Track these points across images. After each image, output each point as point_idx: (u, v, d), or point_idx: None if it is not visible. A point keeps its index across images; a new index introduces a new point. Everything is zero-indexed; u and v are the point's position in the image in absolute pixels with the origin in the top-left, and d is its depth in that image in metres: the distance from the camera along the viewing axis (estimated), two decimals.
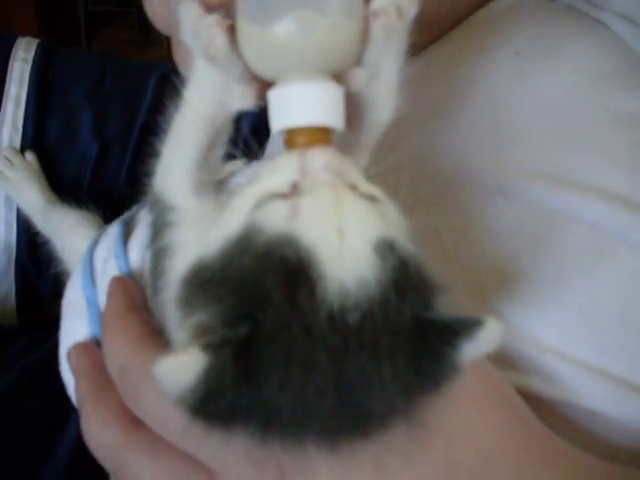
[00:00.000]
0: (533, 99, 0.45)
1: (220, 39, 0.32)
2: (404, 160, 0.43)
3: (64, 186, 0.67)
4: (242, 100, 0.34)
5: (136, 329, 0.37)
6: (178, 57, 0.40)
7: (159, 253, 0.37)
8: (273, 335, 0.27)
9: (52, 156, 0.69)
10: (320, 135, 0.32)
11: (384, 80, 0.35)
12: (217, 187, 0.38)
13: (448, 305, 0.30)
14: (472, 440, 0.33)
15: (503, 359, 0.38)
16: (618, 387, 0.37)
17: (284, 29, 0.31)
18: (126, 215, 0.48)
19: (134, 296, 0.40)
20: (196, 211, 0.36)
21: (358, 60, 0.34)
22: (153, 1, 0.36)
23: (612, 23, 0.45)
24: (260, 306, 0.27)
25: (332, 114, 0.32)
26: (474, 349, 0.29)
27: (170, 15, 0.35)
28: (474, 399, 0.34)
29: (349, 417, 0.29)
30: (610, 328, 0.38)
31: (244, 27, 0.32)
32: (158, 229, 0.37)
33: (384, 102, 0.35)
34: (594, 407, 0.38)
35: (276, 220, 0.29)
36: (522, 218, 0.41)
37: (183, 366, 0.26)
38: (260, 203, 0.30)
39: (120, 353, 0.37)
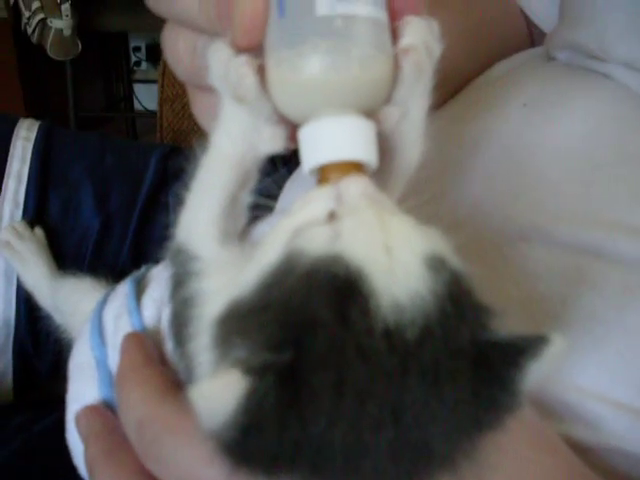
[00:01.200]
0: (544, 147, 0.45)
1: (249, 79, 0.32)
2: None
3: (66, 262, 0.66)
4: (271, 142, 0.34)
5: (155, 381, 0.35)
6: (198, 109, 0.40)
7: (184, 303, 0.35)
8: (322, 358, 0.25)
9: (54, 232, 0.68)
10: (354, 171, 0.31)
11: (413, 121, 0.35)
12: (241, 237, 0.37)
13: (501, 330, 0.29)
14: None
15: (541, 406, 0.37)
16: None
17: (315, 63, 0.31)
18: (136, 274, 0.47)
19: (150, 351, 0.38)
20: (222, 260, 0.35)
21: (388, 99, 0.34)
22: (178, 52, 0.36)
23: (615, 73, 0.46)
24: (307, 328, 0.25)
25: (366, 150, 0.32)
26: (540, 369, 0.27)
27: (196, 63, 0.35)
28: (522, 444, 0.32)
29: (407, 458, 0.26)
30: None
31: (273, 65, 0.32)
32: (181, 280, 0.36)
33: (413, 144, 0.35)
34: (637, 450, 0.36)
35: (319, 243, 0.27)
36: (547, 261, 0.41)
37: (223, 390, 0.24)
38: (298, 232, 0.29)
39: (139, 406, 0.34)
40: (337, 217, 0.29)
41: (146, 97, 3.03)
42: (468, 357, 0.27)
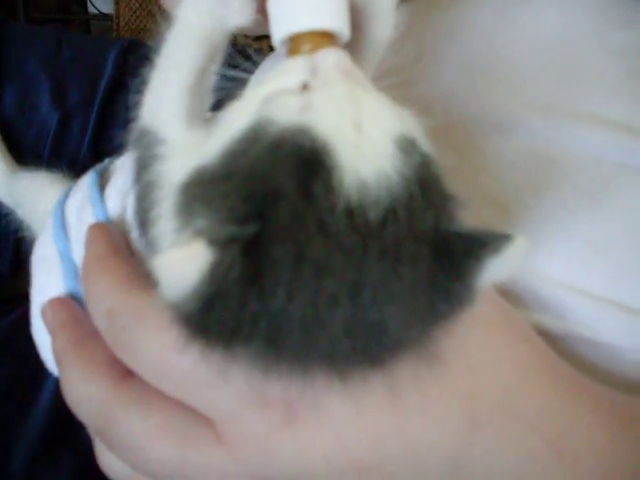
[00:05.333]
0: (520, 38, 0.44)
1: None
2: None
3: (23, 158, 0.64)
4: (241, 13, 0.32)
5: (123, 271, 0.34)
6: None
7: (148, 186, 0.33)
8: (284, 232, 0.24)
9: (10, 126, 0.65)
10: (326, 41, 0.30)
11: None
12: (206, 122, 0.36)
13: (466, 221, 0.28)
14: (497, 374, 0.31)
15: (511, 295, 0.37)
16: (630, 317, 0.36)
17: None
18: (99, 166, 0.45)
19: (116, 240, 0.37)
20: (188, 142, 0.34)
21: None
22: None
23: None
24: (270, 200, 0.24)
25: (338, 19, 0.31)
26: (499, 267, 0.26)
27: None
28: (495, 332, 0.32)
29: (362, 336, 0.26)
30: (620, 257, 0.37)
31: None
32: (145, 163, 0.34)
33: (385, 17, 0.34)
34: (604, 339, 0.37)
35: (288, 112, 0.26)
36: (521, 152, 0.40)
37: (187, 261, 0.23)
38: (269, 100, 0.27)
39: (107, 296, 0.33)
40: (310, 89, 0.28)
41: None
42: (429, 243, 0.26)
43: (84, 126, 0.67)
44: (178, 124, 0.34)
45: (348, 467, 0.30)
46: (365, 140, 0.26)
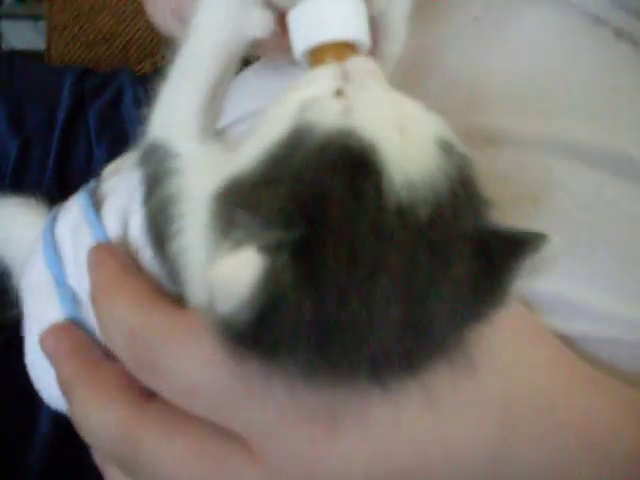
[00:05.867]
0: (496, 68, 0.45)
1: None
2: None
3: None
4: (260, 25, 0.32)
5: (140, 289, 0.33)
6: (152, 6, 0.37)
7: (164, 201, 0.32)
8: (335, 234, 0.24)
9: None
10: (349, 51, 0.31)
11: (399, 4, 0.34)
12: (217, 137, 0.35)
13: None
14: (526, 376, 0.32)
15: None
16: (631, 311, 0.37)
17: None
18: (87, 187, 0.43)
19: (125, 260, 0.36)
20: (205, 154, 0.33)
21: None
22: None
23: None
24: (319, 203, 0.24)
25: (360, 29, 0.31)
26: (534, 265, 0.27)
27: None
28: (519, 332, 0.33)
29: (410, 339, 0.26)
30: (621, 257, 0.38)
31: None
32: (157, 179, 0.33)
33: (397, 30, 0.34)
34: (612, 335, 0.38)
35: (330, 116, 0.26)
36: (516, 163, 0.41)
37: (241, 269, 0.22)
38: (306, 107, 0.27)
39: (127, 316, 0.32)
40: (345, 94, 0.28)
41: (14, 36, 2.80)
42: (472, 242, 0.26)
43: (45, 154, 0.65)
44: (193, 137, 0.33)
45: (389, 476, 0.30)
46: (409, 141, 0.26)
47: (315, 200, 0.25)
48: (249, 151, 0.28)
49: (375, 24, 0.34)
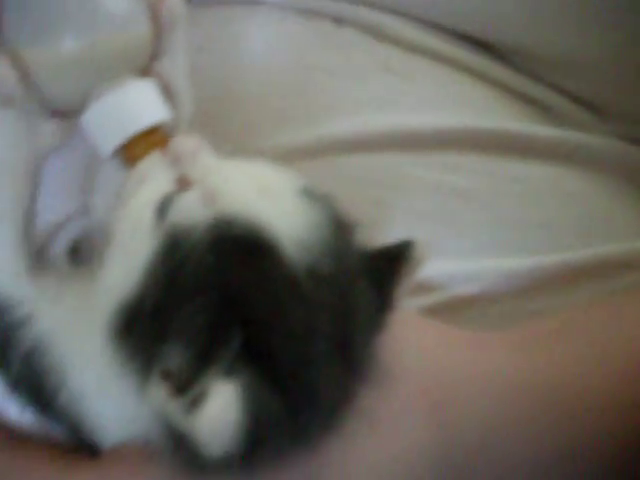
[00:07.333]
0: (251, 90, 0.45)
1: (10, 77, 0.28)
2: None
3: None
4: (53, 136, 0.30)
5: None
6: None
7: (28, 354, 0.29)
8: (272, 319, 0.25)
9: None
10: (158, 136, 0.29)
11: (180, 66, 0.33)
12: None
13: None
14: (441, 375, 0.33)
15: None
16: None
17: (70, 44, 0.29)
18: None
19: None
20: (48, 289, 0.30)
21: (153, 54, 0.32)
22: None
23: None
24: (242, 301, 0.25)
25: (162, 109, 0.30)
26: (412, 267, 0.30)
27: None
28: (409, 326, 0.34)
29: (348, 368, 0.27)
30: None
31: (32, 55, 0.28)
32: (8, 336, 0.30)
33: (185, 91, 0.33)
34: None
35: (195, 211, 0.26)
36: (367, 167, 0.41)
37: (223, 405, 0.23)
38: (161, 209, 0.26)
39: None
40: (190, 180, 0.27)
41: None
42: (363, 271, 0.28)
43: None
44: (25, 276, 0.30)
45: None
46: (279, 203, 0.27)
47: (236, 300, 0.25)
48: (116, 274, 0.26)
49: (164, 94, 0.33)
